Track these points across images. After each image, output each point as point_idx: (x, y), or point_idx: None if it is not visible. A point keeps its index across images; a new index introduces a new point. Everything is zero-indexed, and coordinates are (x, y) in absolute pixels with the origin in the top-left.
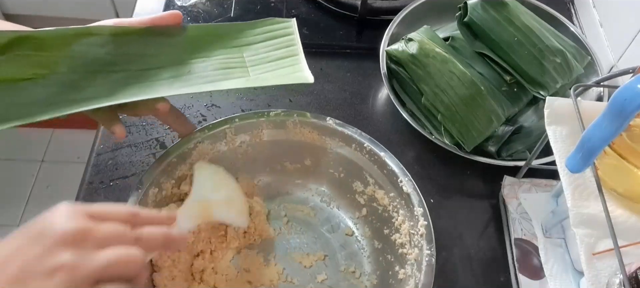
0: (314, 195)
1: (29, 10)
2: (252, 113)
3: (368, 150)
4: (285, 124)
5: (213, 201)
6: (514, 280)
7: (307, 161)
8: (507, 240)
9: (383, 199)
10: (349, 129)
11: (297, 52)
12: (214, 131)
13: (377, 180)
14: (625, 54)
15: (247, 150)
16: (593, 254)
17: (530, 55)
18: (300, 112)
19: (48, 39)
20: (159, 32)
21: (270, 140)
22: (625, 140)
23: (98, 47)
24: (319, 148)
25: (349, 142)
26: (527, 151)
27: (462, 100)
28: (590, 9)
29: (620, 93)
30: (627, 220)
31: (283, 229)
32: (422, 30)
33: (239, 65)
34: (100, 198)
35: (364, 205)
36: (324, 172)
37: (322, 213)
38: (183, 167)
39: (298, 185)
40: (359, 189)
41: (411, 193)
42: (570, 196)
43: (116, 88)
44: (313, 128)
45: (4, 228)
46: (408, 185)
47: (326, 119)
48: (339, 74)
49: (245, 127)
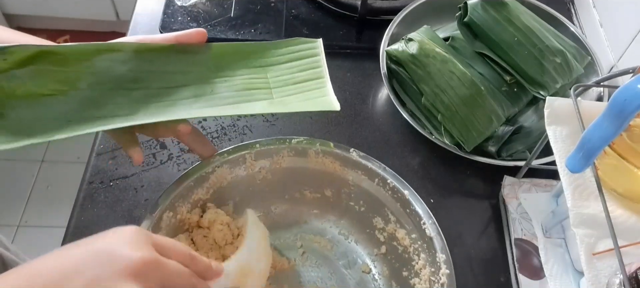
0: (332, 227)
1: (29, 10)
2: (274, 139)
3: (391, 186)
4: (307, 152)
5: (253, 270)
6: (514, 280)
7: (327, 191)
8: (507, 240)
9: (404, 239)
10: (373, 162)
11: (323, 74)
12: (233, 156)
13: (399, 219)
14: (625, 54)
15: (266, 176)
16: (593, 254)
17: (530, 55)
18: (323, 141)
19: (70, 54)
20: (183, 50)
21: (290, 168)
22: (625, 140)
23: (120, 64)
24: (341, 179)
25: (372, 176)
26: (527, 151)
27: (462, 100)
28: (590, 9)
29: (620, 93)
30: (627, 220)
31: (298, 260)
32: (422, 30)
33: (263, 86)
34: (100, 198)
35: (383, 243)
36: (344, 204)
37: (339, 247)
38: (200, 191)
39: (316, 215)
40: (380, 226)
41: (434, 237)
42: (570, 196)
43: (137, 107)
44: (335, 158)
45: (4, 229)
46: (431, 228)
47: (350, 150)
48: (339, 74)
49: (265, 152)
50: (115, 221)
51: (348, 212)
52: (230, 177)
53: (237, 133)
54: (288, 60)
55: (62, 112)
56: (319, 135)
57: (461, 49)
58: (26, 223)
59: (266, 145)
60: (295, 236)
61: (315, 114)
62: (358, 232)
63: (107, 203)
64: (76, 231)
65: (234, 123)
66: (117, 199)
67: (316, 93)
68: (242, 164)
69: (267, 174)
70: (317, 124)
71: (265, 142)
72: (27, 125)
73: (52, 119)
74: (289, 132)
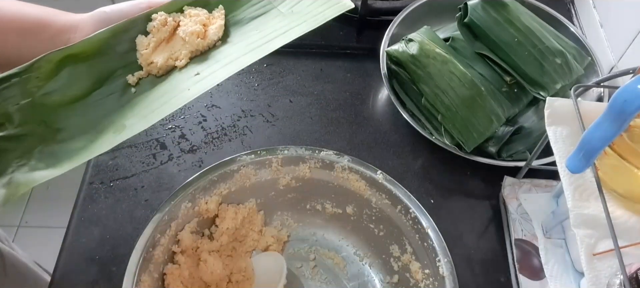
0: (348, 246)
1: None
2: (303, 147)
3: (412, 216)
4: (333, 165)
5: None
6: (515, 281)
7: (348, 209)
8: (508, 241)
9: (417, 273)
10: (398, 189)
11: None
12: (260, 158)
13: (415, 251)
14: (626, 55)
15: (289, 183)
16: (593, 255)
17: (530, 56)
18: (353, 158)
19: (93, 45)
20: None
21: (315, 179)
22: (625, 141)
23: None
24: (364, 199)
25: (395, 203)
26: (527, 151)
27: (463, 101)
28: (591, 10)
29: (621, 94)
30: (627, 221)
31: (308, 274)
32: (423, 30)
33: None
34: (101, 199)
35: (396, 272)
36: (364, 225)
37: (352, 267)
38: (222, 186)
39: (334, 231)
40: (396, 254)
41: (447, 277)
42: (570, 196)
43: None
44: (361, 177)
45: (5, 229)
46: (446, 267)
47: (376, 171)
48: (339, 74)
49: (293, 160)
50: (115, 221)
51: (366, 234)
52: (254, 178)
53: (237, 133)
54: None
55: (112, 106)
56: (319, 136)
57: (461, 49)
58: (26, 223)
59: (295, 153)
60: (309, 248)
61: (315, 114)
62: (373, 256)
63: (107, 204)
64: (76, 231)
65: (234, 123)
66: (117, 200)
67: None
68: (268, 167)
69: (291, 181)
70: (317, 124)
71: (294, 149)
72: (85, 129)
73: (103, 115)
74: (289, 132)
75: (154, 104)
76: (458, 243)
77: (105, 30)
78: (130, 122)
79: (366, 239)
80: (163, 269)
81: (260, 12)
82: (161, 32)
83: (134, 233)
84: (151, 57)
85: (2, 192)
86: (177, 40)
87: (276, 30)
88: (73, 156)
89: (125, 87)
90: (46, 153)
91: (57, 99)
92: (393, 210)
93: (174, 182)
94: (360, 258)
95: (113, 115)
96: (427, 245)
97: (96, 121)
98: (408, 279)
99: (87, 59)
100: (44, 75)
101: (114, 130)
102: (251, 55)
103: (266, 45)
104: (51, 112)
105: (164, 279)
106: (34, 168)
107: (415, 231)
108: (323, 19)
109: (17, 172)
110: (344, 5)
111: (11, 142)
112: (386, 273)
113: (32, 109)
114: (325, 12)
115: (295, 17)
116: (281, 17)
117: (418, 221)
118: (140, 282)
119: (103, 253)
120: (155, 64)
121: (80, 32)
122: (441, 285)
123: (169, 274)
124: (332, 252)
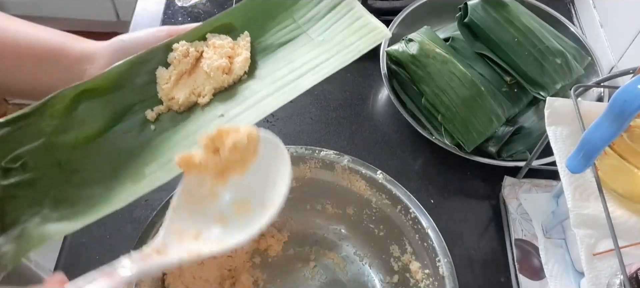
0: (348, 246)
1: (29, 10)
2: (303, 147)
3: (412, 216)
4: (334, 166)
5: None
6: (515, 281)
7: (349, 209)
8: (508, 241)
9: (417, 273)
10: (398, 189)
11: (354, 5)
12: None
13: (415, 250)
14: (626, 55)
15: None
16: (593, 254)
17: (530, 56)
18: (353, 159)
19: (107, 80)
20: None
21: (316, 179)
22: (625, 141)
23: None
24: (364, 199)
25: (395, 203)
26: (527, 151)
27: (463, 101)
28: (591, 10)
29: (621, 94)
30: (627, 221)
31: (308, 274)
32: (423, 30)
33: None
34: None
35: (396, 272)
36: (364, 225)
37: (352, 267)
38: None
39: (334, 231)
40: (396, 254)
41: (447, 277)
42: (570, 196)
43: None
44: (361, 177)
45: None
46: (446, 267)
47: (376, 171)
48: (339, 74)
49: (292, 160)
50: (114, 221)
51: (366, 234)
52: None
53: None
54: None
55: (132, 141)
56: (319, 136)
57: (461, 49)
58: None
59: (295, 153)
60: (310, 248)
61: (315, 114)
62: (373, 256)
63: None
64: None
65: None
66: None
67: (359, 27)
68: None
69: (291, 181)
70: (317, 124)
71: (295, 150)
72: (102, 171)
73: (121, 155)
74: (290, 132)
75: (174, 149)
76: (458, 243)
77: (123, 63)
78: (150, 169)
79: (366, 239)
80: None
81: (288, 38)
82: (183, 64)
83: (134, 234)
84: (172, 91)
85: (12, 248)
86: (199, 73)
87: (306, 64)
88: (88, 208)
89: (144, 122)
90: (60, 200)
91: (72, 138)
92: (393, 210)
93: (174, 181)
94: (360, 258)
95: (132, 156)
96: (427, 245)
97: (113, 162)
98: (408, 279)
99: (103, 94)
100: (57, 113)
101: (132, 179)
102: (279, 96)
103: (296, 83)
104: (65, 153)
105: (164, 279)
106: (47, 218)
107: (415, 231)
108: (357, 53)
109: (29, 223)
110: (380, 35)
111: (23, 188)
112: (386, 273)
113: (45, 150)
114: (357, 43)
115: (327, 47)
116: (311, 46)
117: (418, 221)
118: (141, 282)
119: (103, 253)
120: (176, 100)
121: (97, 62)
122: (441, 285)
123: (169, 274)
124: (332, 252)
